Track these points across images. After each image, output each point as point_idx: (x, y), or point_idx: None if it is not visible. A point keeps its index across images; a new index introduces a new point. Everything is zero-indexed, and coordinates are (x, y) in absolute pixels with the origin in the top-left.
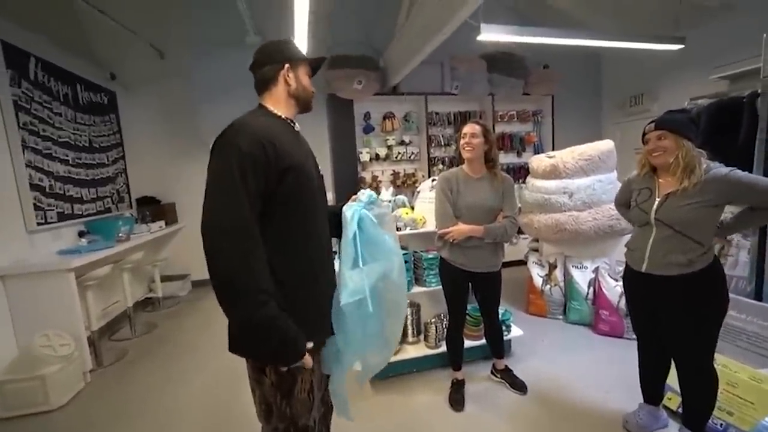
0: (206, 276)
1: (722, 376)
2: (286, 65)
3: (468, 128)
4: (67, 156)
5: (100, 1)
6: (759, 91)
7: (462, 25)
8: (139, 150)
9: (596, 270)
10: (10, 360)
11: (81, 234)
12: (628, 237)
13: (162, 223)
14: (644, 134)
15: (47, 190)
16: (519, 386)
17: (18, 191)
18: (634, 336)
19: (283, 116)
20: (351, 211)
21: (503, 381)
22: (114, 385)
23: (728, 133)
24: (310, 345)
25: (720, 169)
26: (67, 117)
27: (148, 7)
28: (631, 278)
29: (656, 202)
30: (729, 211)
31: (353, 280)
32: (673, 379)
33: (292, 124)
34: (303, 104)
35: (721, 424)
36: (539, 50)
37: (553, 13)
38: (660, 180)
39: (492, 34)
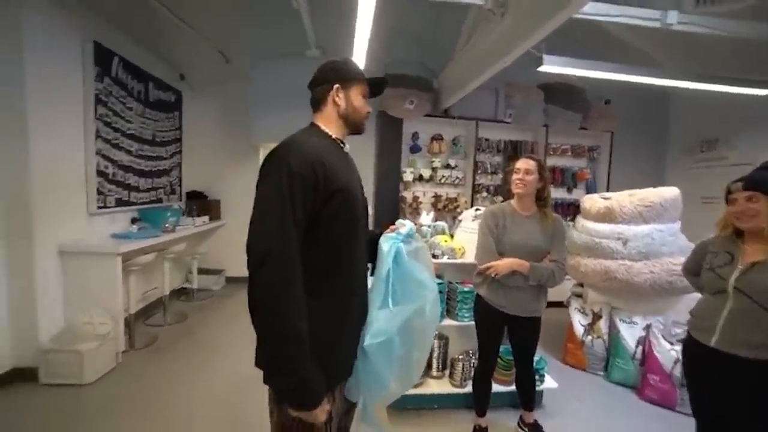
0: (240, 273)
1: None
2: (336, 85)
3: (522, 164)
4: (131, 147)
5: (176, 6)
6: None
7: (524, 54)
8: (195, 147)
9: (648, 328)
10: (57, 331)
11: (133, 220)
12: (688, 296)
13: (206, 218)
14: (728, 192)
15: (110, 176)
16: None
17: (86, 176)
18: (687, 411)
19: (333, 136)
20: (388, 244)
21: None
22: (141, 370)
23: None
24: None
25: None
26: (137, 111)
27: (219, 13)
28: (693, 351)
29: (738, 270)
30: None
31: (379, 321)
32: None
33: (341, 145)
34: (353, 125)
35: None
36: (601, 84)
37: (617, 46)
38: (746, 246)
39: (554, 66)
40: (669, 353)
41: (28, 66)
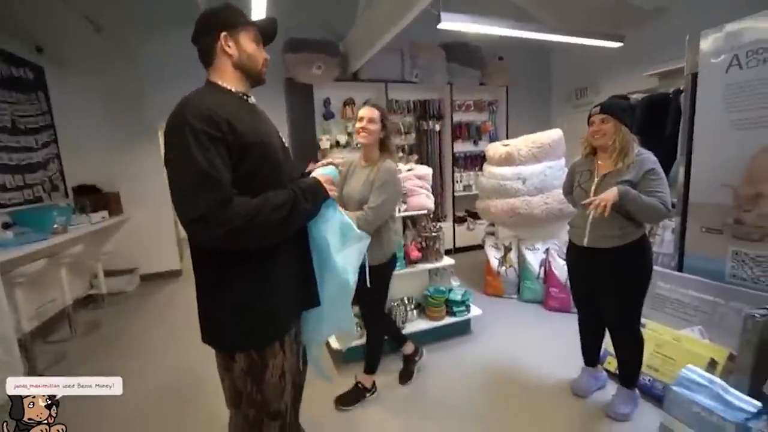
0: (157, 268)
1: (651, 339)
2: (222, 33)
3: (366, 111)
4: None
5: None
6: (681, 88)
7: (422, 14)
8: (76, 134)
9: (547, 251)
10: None
11: (5, 226)
12: None
13: (105, 213)
14: (590, 116)
15: None
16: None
17: None
18: None
19: (233, 90)
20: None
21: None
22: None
23: (658, 125)
24: None
25: (649, 158)
26: None
27: None
28: (573, 253)
29: (595, 182)
30: None
31: (345, 260)
32: (611, 346)
33: (246, 98)
34: (252, 75)
35: (649, 380)
36: (494, 42)
37: (507, 8)
38: (599, 162)
39: (452, 23)
40: (563, 267)
41: None
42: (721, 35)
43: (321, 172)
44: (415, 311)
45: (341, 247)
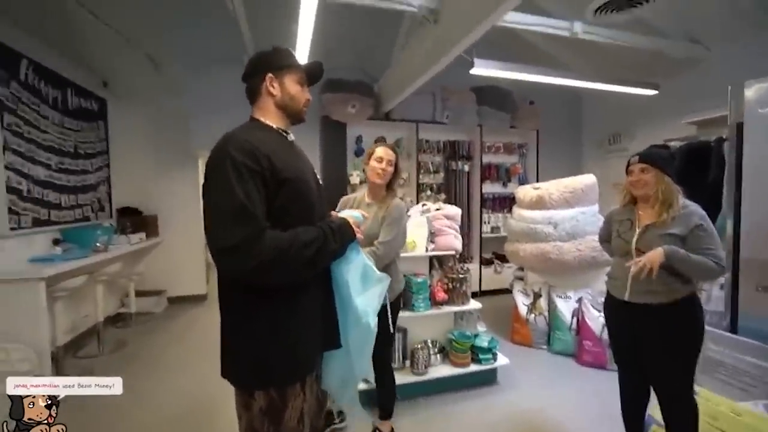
0: (184, 292)
1: (703, 409)
2: (268, 75)
3: (385, 153)
4: (50, 160)
5: (96, 6)
6: (725, 137)
7: (455, 59)
8: (125, 160)
9: (579, 300)
10: None
11: (56, 242)
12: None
13: (142, 235)
14: (628, 165)
15: (24, 194)
16: None
17: None
18: (616, 367)
19: (274, 127)
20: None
21: None
22: (77, 407)
23: (698, 173)
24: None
25: (696, 211)
26: (54, 121)
27: (146, 15)
28: (612, 307)
29: (636, 233)
30: None
31: (365, 303)
32: (657, 412)
33: (285, 135)
34: (293, 114)
35: None
36: (525, 87)
37: (538, 54)
38: (640, 212)
39: (484, 69)
40: (598, 320)
41: None
42: (767, 85)
43: (349, 213)
44: (438, 356)
45: (362, 290)
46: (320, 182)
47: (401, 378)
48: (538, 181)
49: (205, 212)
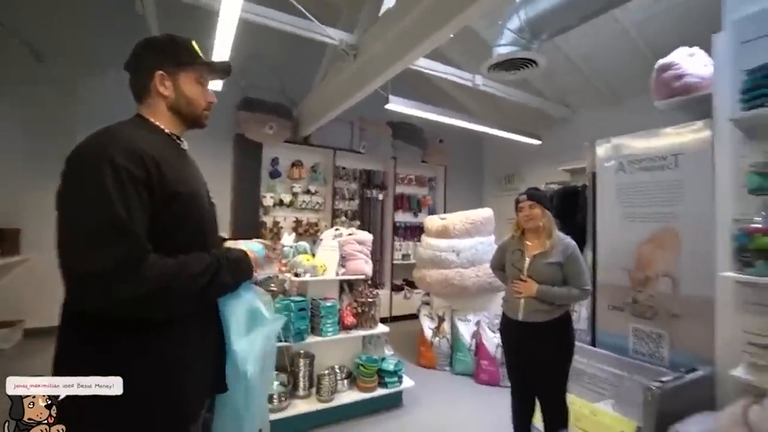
0: (46, 323)
1: (571, 413)
2: (159, 72)
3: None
4: None
5: None
6: (587, 183)
7: (373, 93)
8: None
9: (478, 323)
10: None
11: None
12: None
13: None
14: (517, 203)
15: None
16: None
17: None
18: (509, 384)
19: (166, 130)
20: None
21: None
22: None
23: (570, 213)
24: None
25: (570, 243)
26: None
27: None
28: (508, 326)
29: (527, 261)
30: None
31: (247, 349)
32: (538, 420)
33: (178, 142)
34: (189, 119)
35: None
36: (436, 126)
37: (447, 98)
38: (528, 243)
39: (397, 106)
40: (493, 340)
41: None
42: (610, 145)
43: (249, 246)
44: (345, 381)
45: (245, 333)
46: (212, 201)
47: (306, 406)
48: (445, 212)
49: (63, 225)
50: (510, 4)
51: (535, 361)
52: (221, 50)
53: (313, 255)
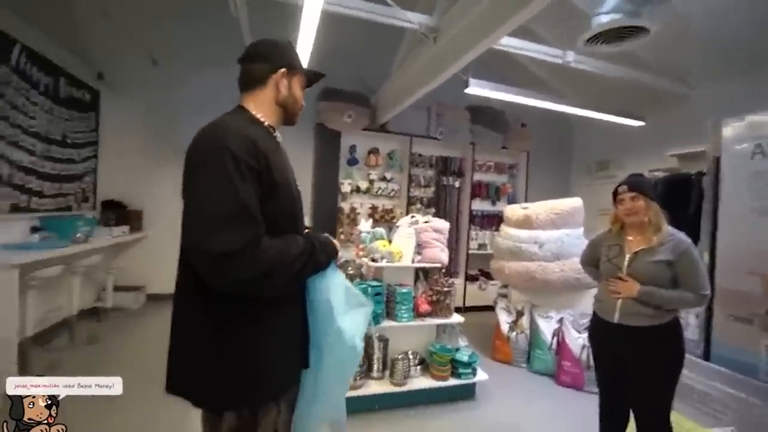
0: (163, 290)
1: None
2: (282, 69)
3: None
4: (34, 146)
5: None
6: (704, 171)
7: (451, 77)
8: (115, 152)
9: (561, 321)
10: None
11: (34, 229)
12: (592, 291)
13: (125, 228)
14: (616, 194)
15: (4, 178)
16: None
17: None
18: (595, 390)
19: (265, 123)
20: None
21: None
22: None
23: (678, 204)
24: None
25: (683, 240)
26: (44, 108)
27: (148, 11)
28: (599, 329)
29: (627, 258)
30: None
31: (348, 325)
32: None
33: (273, 133)
34: (290, 116)
35: None
36: (518, 109)
37: (531, 78)
38: (629, 238)
39: (479, 89)
40: (578, 341)
41: None
42: (743, 124)
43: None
44: (418, 368)
45: (345, 312)
46: (299, 189)
47: (380, 388)
48: (526, 201)
49: (193, 210)
50: None
51: (633, 370)
52: (304, 44)
53: (390, 241)
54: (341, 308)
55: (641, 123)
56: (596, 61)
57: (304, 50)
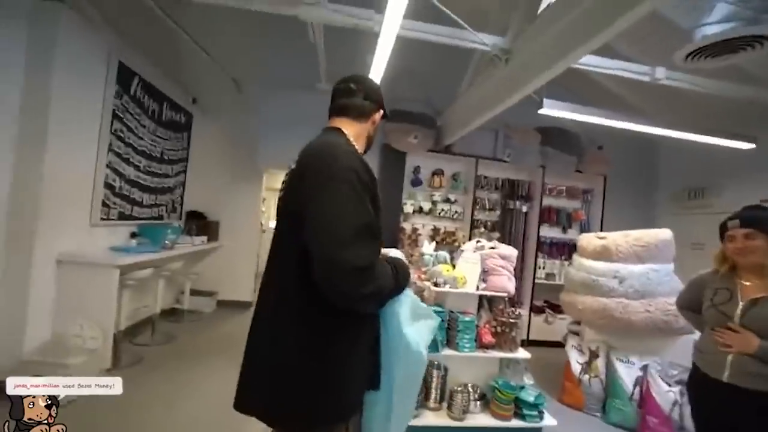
0: (232, 297)
1: None
2: (381, 111)
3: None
4: (140, 162)
5: (195, 33)
6: None
7: (523, 97)
8: (200, 168)
9: (645, 368)
10: (41, 341)
11: (133, 235)
12: (685, 338)
13: (204, 238)
14: (724, 230)
15: (116, 190)
16: None
17: (93, 187)
18: None
19: (359, 151)
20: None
21: None
22: (125, 390)
23: None
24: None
25: None
26: (150, 129)
27: (235, 42)
28: (703, 386)
29: (740, 306)
30: None
31: (414, 335)
32: None
33: None
34: (368, 147)
35: None
36: (593, 130)
37: (609, 97)
38: (743, 282)
39: (554, 110)
40: (667, 395)
41: (55, 80)
42: None
43: (396, 254)
44: (478, 403)
45: (411, 323)
46: None
47: (436, 420)
48: (602, 230)
49: (326, 223)
50: None
51: None
52: (377, 67)
53: (453, 266)
54: (407, 319)
55: (750, 145)
56: (690, 76)
57: (377, 74)
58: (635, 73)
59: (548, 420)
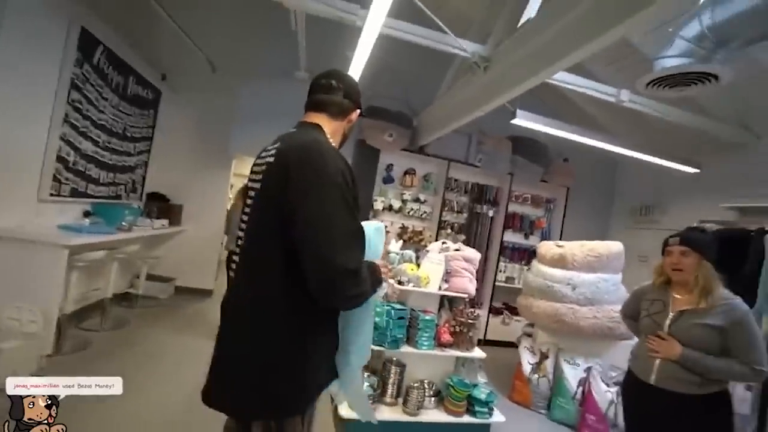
0: (191, 284)
1: None
2: (358, 110)
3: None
4: (99, 137)
5: (171, 7)
6: (765, 228)
7: (498, 106)
8: (165, 149)
9: (589, 370)
10: None
11: (86, 214)
12: (625, 343)
13: (165, 221)
14: (665, 245)
15: (70, 164)
16: None
17: (44, 160)
18: None
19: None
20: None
21: None
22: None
23: (731, 261)
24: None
25: (740, 306)
26: (112, 103)
27: (214, 22)
28: (633, 388)
29: (670, 317)
30: None
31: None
32: None
33: None
34: (342, 144)
35: None
36: (561, 143)
37: (578, 113)
38: (675, 294)
39: (525, 121)
40: (605, 395)
41: (3, 41)
42: None
43: (377, 225)
44: (433, 399)
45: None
46: None
47: (391, 414)
48: (561, 238)
49: (319, 225)
50: (690, 7)
51: None
52: (357, 63)
53: (418, 265)
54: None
55: (695, 169)
56: (651, 101)
57: (357, 69)
58: (603, 93)
59: (497, 416)
